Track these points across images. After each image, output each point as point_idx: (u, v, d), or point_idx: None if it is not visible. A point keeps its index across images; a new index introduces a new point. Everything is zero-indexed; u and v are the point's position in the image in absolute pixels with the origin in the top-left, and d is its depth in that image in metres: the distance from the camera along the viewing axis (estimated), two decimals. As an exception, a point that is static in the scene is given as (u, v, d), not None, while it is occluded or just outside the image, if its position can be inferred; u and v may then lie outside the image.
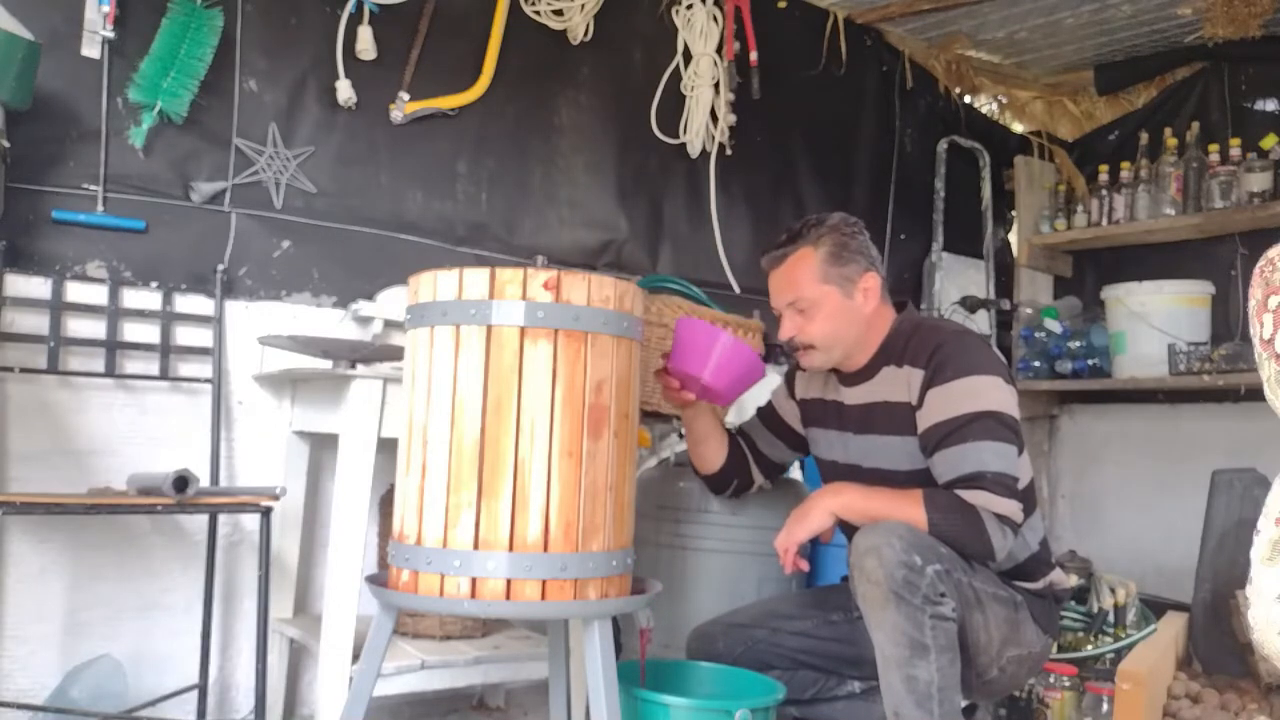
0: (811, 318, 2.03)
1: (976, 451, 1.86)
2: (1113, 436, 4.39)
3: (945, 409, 1.91)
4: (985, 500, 1.85)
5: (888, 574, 1.80)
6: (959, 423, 1.88)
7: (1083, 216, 4.27)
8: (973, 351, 1.95)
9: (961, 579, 1.88)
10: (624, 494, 1.78)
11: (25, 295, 2.37)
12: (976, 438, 1.86)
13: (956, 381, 1.91)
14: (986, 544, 1.87)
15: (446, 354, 1.71)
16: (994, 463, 1.85)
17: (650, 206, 3.45)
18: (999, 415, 1.88)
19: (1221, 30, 3.72)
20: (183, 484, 2.08)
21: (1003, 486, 1.85)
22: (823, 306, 2.02)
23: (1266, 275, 1.66)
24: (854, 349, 2.07)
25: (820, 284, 2.02)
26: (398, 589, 1.73)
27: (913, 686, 1.86)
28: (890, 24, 4.04)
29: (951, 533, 1.87)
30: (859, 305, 2.03)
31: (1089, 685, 2.63)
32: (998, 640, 1.96)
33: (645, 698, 2.01)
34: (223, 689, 2.60)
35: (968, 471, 1.86)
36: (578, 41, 3.28)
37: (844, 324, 2.03)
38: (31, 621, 2.36)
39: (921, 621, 1.82)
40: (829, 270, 2.02)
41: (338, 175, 2.81)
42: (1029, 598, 2.03)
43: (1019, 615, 1.99)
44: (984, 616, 1.93)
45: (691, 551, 2.56)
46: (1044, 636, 2.06)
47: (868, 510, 1.94)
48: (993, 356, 1.99)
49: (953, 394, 1.91)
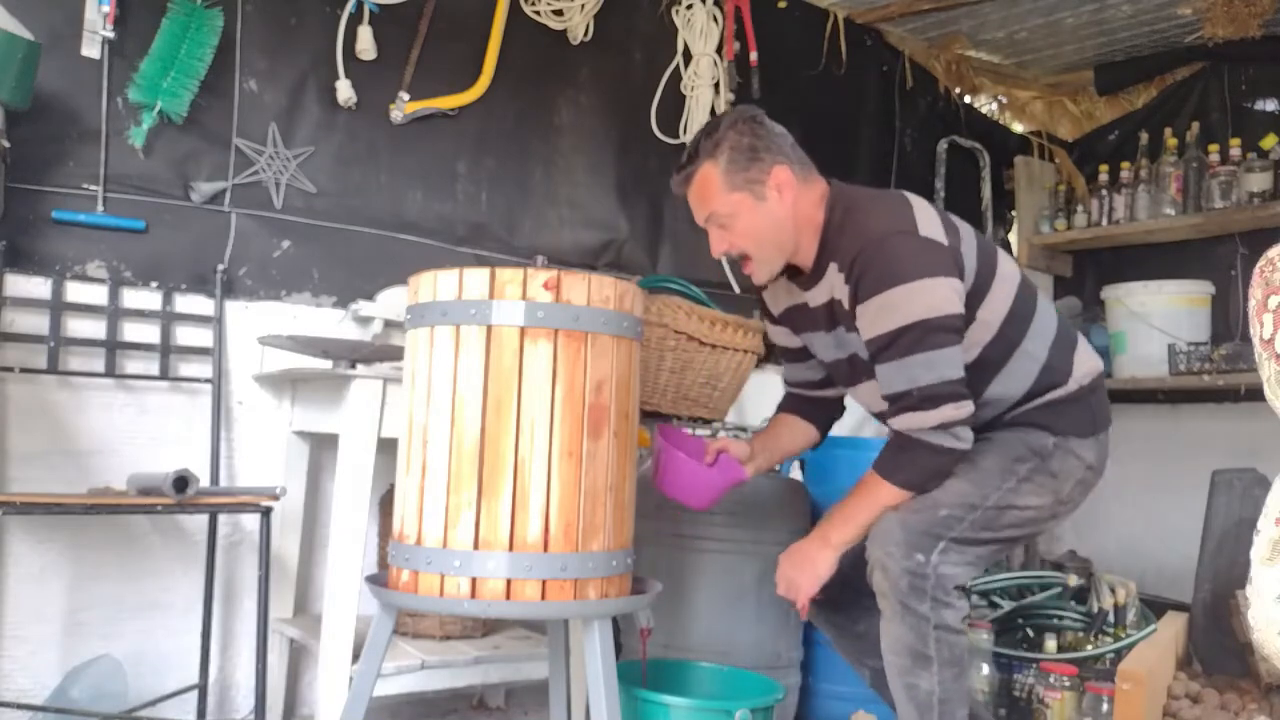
0: (733, 229, 1.96)
1: (903, 369, 1.84)
2: (1113, 437, 4.38)
3: (872, 326, 1.87)
4: (917, 422, 1.85)
5: (893, 585, 1.85)
6: (883, 342, 1.85)
7: (1083, 216, 4.28)
8: (891, 258, 1.85)
9: (979, 517, 1.91)
10: (624, 494, 1.78)
11: (25, 295, 2.37)
12: (901, 354, 1.84)
13: (875, 298, 1.85)
14: (944, 456, 1.87)
15: (446, 354, 1.71)
16: (921, 376, 1.83)
17: (650, 206, 3.45)
18: (922, 323, 1.82)
19: (1221, 30, 3.72)
20: (183, 484, 2.08)
21: (930, 399, 1.83)
22: (739, 216, 1.94)
23: (1266, 275, 1.67)
24: (791, 247, 1.99)
25: (728, 194, 1.93)
26: (398, 589, 1.73)
27: (913, 695, 1.88)
28: (890, 24, 4.04)
29: (917, 475, 1.89)
30: (775, 204, 1.93)
31: (1089, 685, 2.62)
32: (1050, 500, 1.98)
33: (645, 698, 2.01)
34: (223, 689, 2.60)
35: (898, 390, 1.86)
36: (578, 41, 3.28)
37: (766, 227, 1.95)
38: (31, 621, 2.36)
39: (925, 633, 1.84)
40: (733, 179, 1.93)
41: (338, 175, 2.81)
42: (1063, 410, 2.00)
43: (1053, 462, 1.98)
44: (1022, 505, 1.95)
45: (691, 551, 2.56)
46: (1093, 445, 2.03)
47: (854, 527, 1.95)
48: (913, 252, 1.86)
49: (875, 311, 1.86)
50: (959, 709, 1.91)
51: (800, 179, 1.96)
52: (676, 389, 2.79)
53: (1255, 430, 3.09)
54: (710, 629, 2.52)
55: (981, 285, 1.94)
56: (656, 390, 2.75)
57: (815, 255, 1.98)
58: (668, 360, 2.72)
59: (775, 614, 2.59)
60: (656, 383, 2.75)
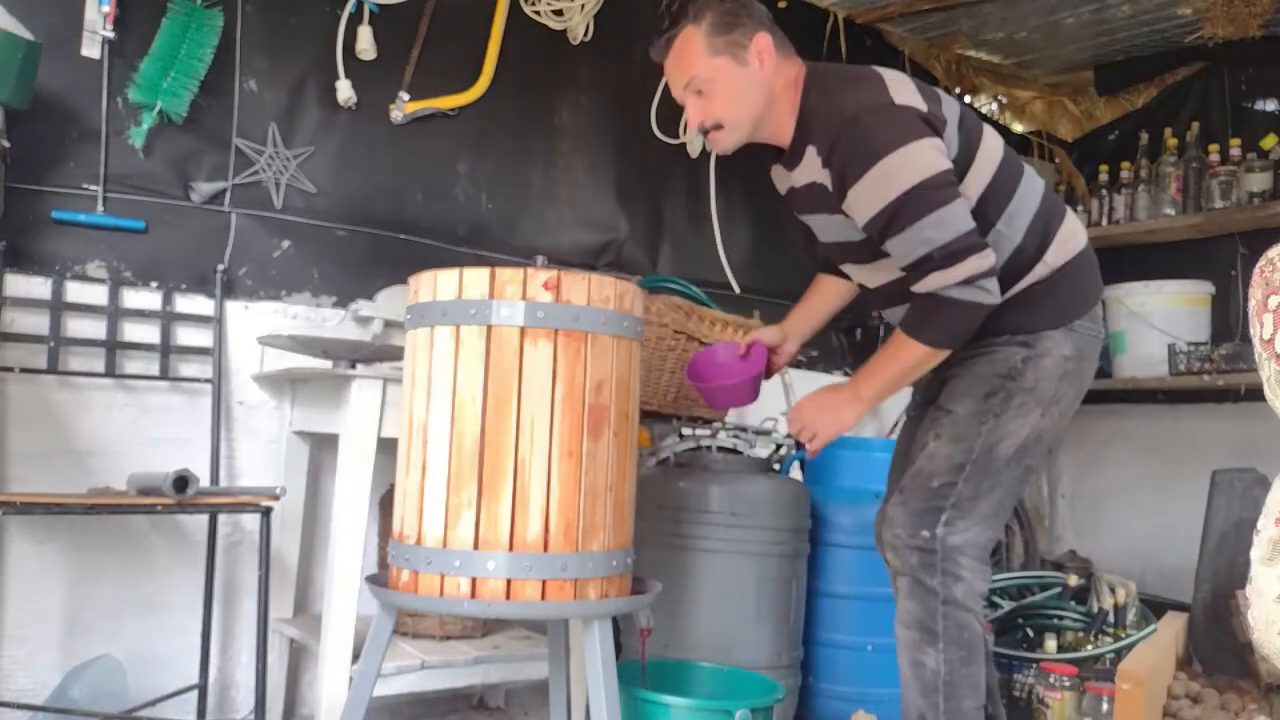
0: (712, 96, 1.93)
1: (916, 234, 1.81)
2: (1113, 436, 4.39)
3: (869, 206, 1.85)
4: (944, 280, 1.82)
5: (904, 563, 1.93)
6: (886, 217, 1.83)
7: (1083, 216, 4.27)
8: (870, 134, 1.82)
9: (971, 472, 1.92)
10: (624, 494, 1.78)
11: (25, 295, 2.37)
12: (910, 221, 1.81)
13: (864, 178, 1.82)
14: (973, 311, 1.84)
15: (446, 354, 1.71)
16: (937, 236, 1.80)
17: (650, 206, 3.45)
18: (919, 186, 1.80)
19: (1221, 30, 3.72)
20: (183, 484, 2.08)
21: (952, 255, 1.80)
22: (719, 80, 1.92)
23: (1266, 275, 1.67)
24: (765, 120, 1.97)
25: (710, 58, 1.91)
26: (398, 589, 1.73)
27: (919, 673, 1.91)
28: (890, 24, 4.04)
29: (944, 334, 1.88)
30: (756, 71, 1.92)
31: (1089, 685, 2.62)
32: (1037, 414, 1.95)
33: (645, 698, 2.01)
34: (223, 689, 2.60)
35: (918, 257, 1.83)
36: (578, 41, 3.28)
37: (746, 94, 1.93)
38: (31, 621, 2.36)
39: (933, 608, 1.89)
40: (715, 41, 1.91)
41: (338, 175, 2.81)
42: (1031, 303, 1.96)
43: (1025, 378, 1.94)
44: (1010, 434, 1.94)
45: (691, 551, 2.56)
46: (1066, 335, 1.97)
47: (884, 382, 1.97)
48: (890, 122, 1.83)
49: (868, 190, 1.83)
50: (967, 699, 1.90)
51: (780, 52, 1.94)
52: (676, 389, 2.79)
53: (1255, 430, 3.09)
54: (710, 629, 2.52)
55: (963, 159, 1.91)
56: (656, 390, 2.75)
57: (793, 136, 1.96)
58: (668, 360, 2.73)
59: (775, 614, 2.59)
60: (657, 383, 2.75)
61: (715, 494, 2.56)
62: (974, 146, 1.94)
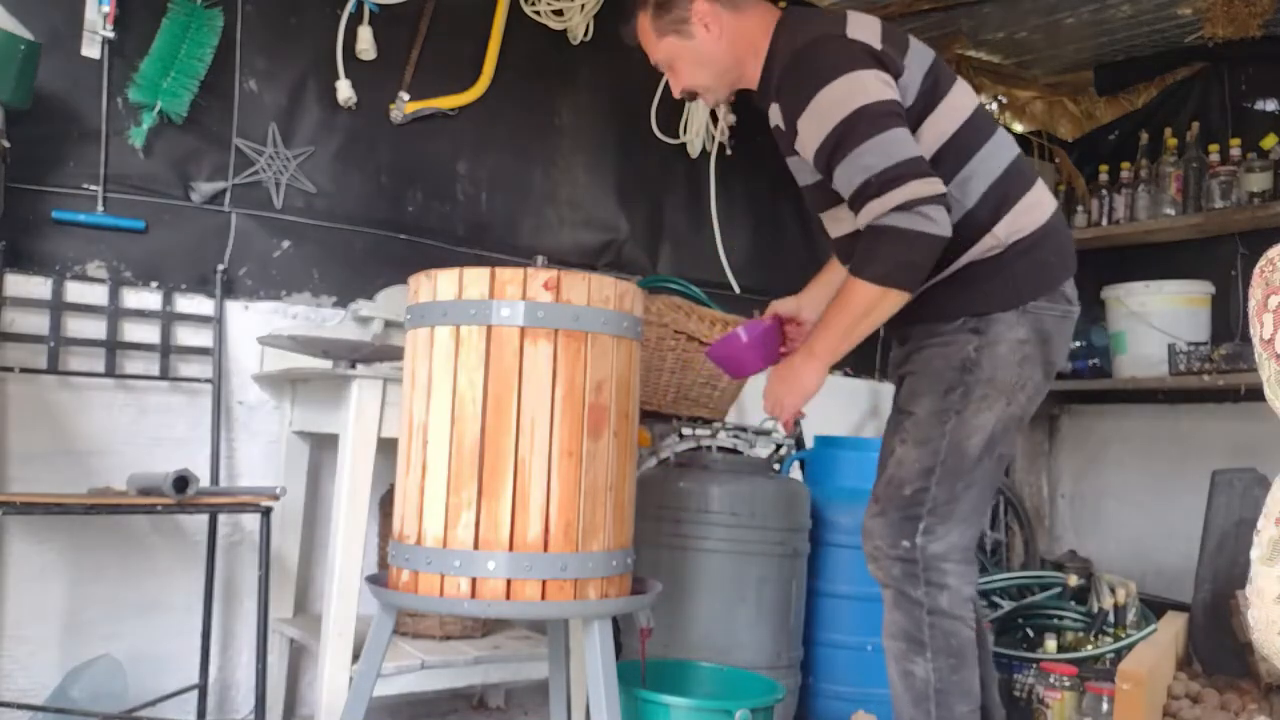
0: (677, 70, 2.03)
1: (856, 162, 1.77)
2: (1113, 436, 4.40)
3: (813, 137, 1.83)
4: (881, 206, 1.75)
5: (887, 574, 1.92)
6: (829, 145, 1.80)
7: (1083, 216, 4.28)
8: (811, 62, 1.84)
9: (943, 473, 1.87)
10: (624, 494, 1.78)
11: (25, 295, 2.37)
12: (850, 147, 1.77)
13: (806, 108, 1.82)
14: (916, 240, 1.73)
15: (446, 354, 1.71)
16: (876, 162, 1.75)
17: (650, 206, 3.45)
18: (859, 111, 1.77)
19: (1221, 30, 3.72)
20: (183, 484, 2.08)
21: (890, 181, 1.73)
22: (676, 57, 2.01)
23: (1266, 275, 1.67)
24: (735, 74, 2.01)
25: (660, 40, 2.01)
26: (398, 589, 1.74)
27: (910, 683, 1.91)
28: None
29: (887, 265, 1.77)
30: (704, 38, 1.97)
31: (1089, 685, 2.62)
32: (1002, 403, 1.88)
33: (645, 698, 2.01)
34: (223, 689, 2.60)
35: (857, 185, 1.78)
36: (578, 41, 3.27)
37: (703, 61, 1.99)
38: (31, 621, 2.36)
39: (919, 618, 1.88)
40: (660, 23, 2.00)
41: (338, 175, 2.81)
42: (982, 282, 1.88)
43: (982, 368, 1.87)
44: (976, 428, 1.87)
45: (691, 551, 2.56)
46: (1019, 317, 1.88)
47: (836, 334, 1.86)
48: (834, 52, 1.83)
49: (810, 121, 1.83)
50: (959, 704, 1.89)
51: (729, 8, 1.96)
52: (676, 389, 2.79)
53: (1255, 430, 3.10)
54: (710, 629, 2.52)
55: (920, 107, 1.87)
56: (656, 390, 2.75)
57: (760, 79, 1.98)
58: (668, 360, 2.73)
59: (775, 614, 2.59)
60: (657, 383, 2.75)
61: (715, 494, 2.56)
62: (937, 98, 1.89)
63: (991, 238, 1.88)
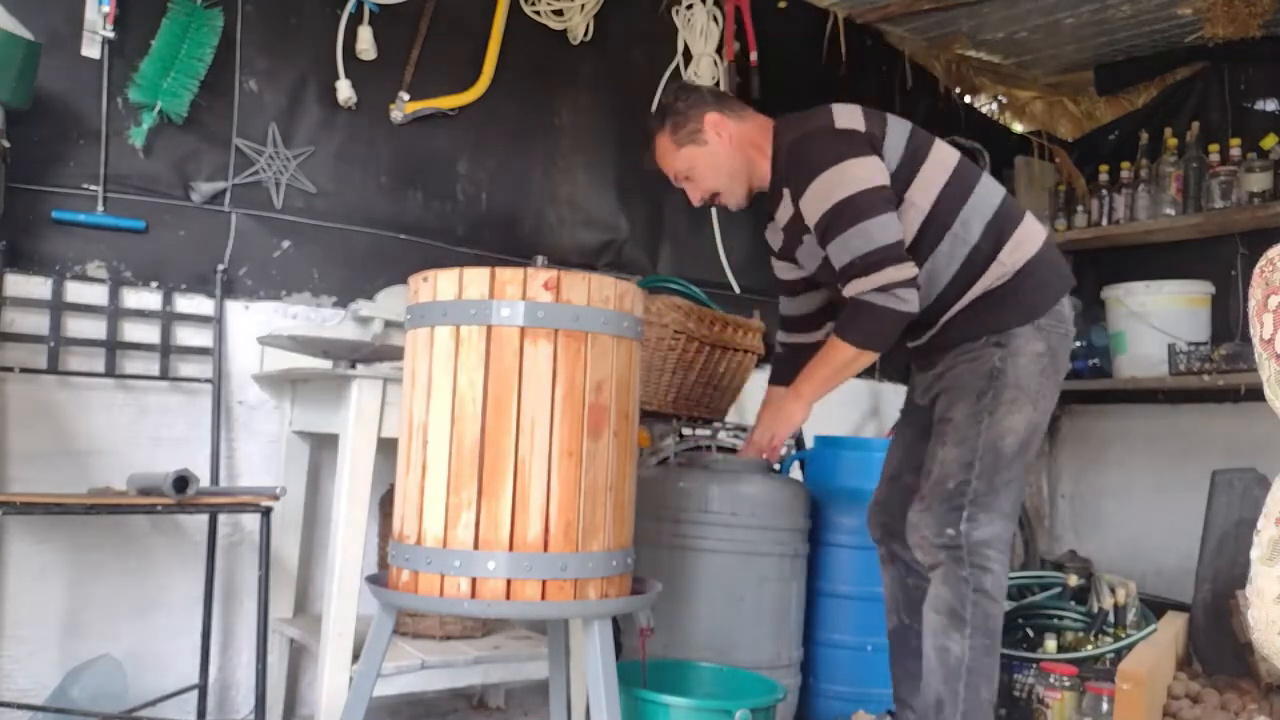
0: (697, 177, 2.29)
1: (844, 244, 2.05)
2: (1113, 436, 4.40)
3: (811, 216, 2.11)
4: (861, 286, 2.04)
5: (934, 559, 2.08)
6: (823, 225, 2.08)
7: (1083, 216, 4.28)
8: (812, 153, 2.11)
9: (983, 468, 2.06)
10: (624, 494, 1.78)
11: (25, 295, 2.37)
12: (839, 231, 2.05)
13: (806, 191, 2.10)
14: (887, 316, 2.04)
15: (446, 354, 1.71)
16: (860, 246, 2.03)
17: (650, 206, 3.45)
18: (849, 199, 2.04)
19: (1221, 30, 3.72)
20: (183, 484, 2.08)
21: (871, 265, 2.02)
22: (695, 164, 2.27)
23: (1266, 275, 1.67)
24: (747, 172, 2.28)
25: (679, 151, 2.28)
26: (398, 589, 1.73)
27: (944, 658, 2.04)
28: (890, 24, 4.04)
29: (865, 334, 2.08)
30: (717, 143, 2.25)
31: (1089, 685, 2.62)
32: (1028, 408, 2.10)
33: (645, 698, 2.01)
34: (223, 689, 2.60)
35: (844, 263, 2.07)
36: (578, 41, 3.28)
37: (720, 163, 2.26)
38: (31, 621, 2.36)
39: (964, 594, 2.04)
40: (678, 137, 2.27)
41: (338, 175, 2.81)
42: (998, 304, 2.11)
43: (1008, 375, 2.09)
44: (1009, 429, 2.07)
45: (691, 551, 2.55)
46: (1034, 332, 2.10)
47: (820, 383, 2.20)
48: (830, 142, 2.10)
49: (810, 201, 2.10)
50: (984, 689, 2.04)
51: (733, 117, 2.27)
52: (677, 389, 2.79)
53: (1255, 430, 3.10)
54: (710, 629, 2.52)
55: (909, 168, 2.13)
56: (656, 390, 2.75)
57: (771, 179, 2.25)
58: (668, 360, 2.73)
59: (775, 614, 2.59)
60: (657, 383, 2.75)
61: (715, 494, 2.56)
62: (921, 158, 2.15)
63: (999, 265, 2.12)
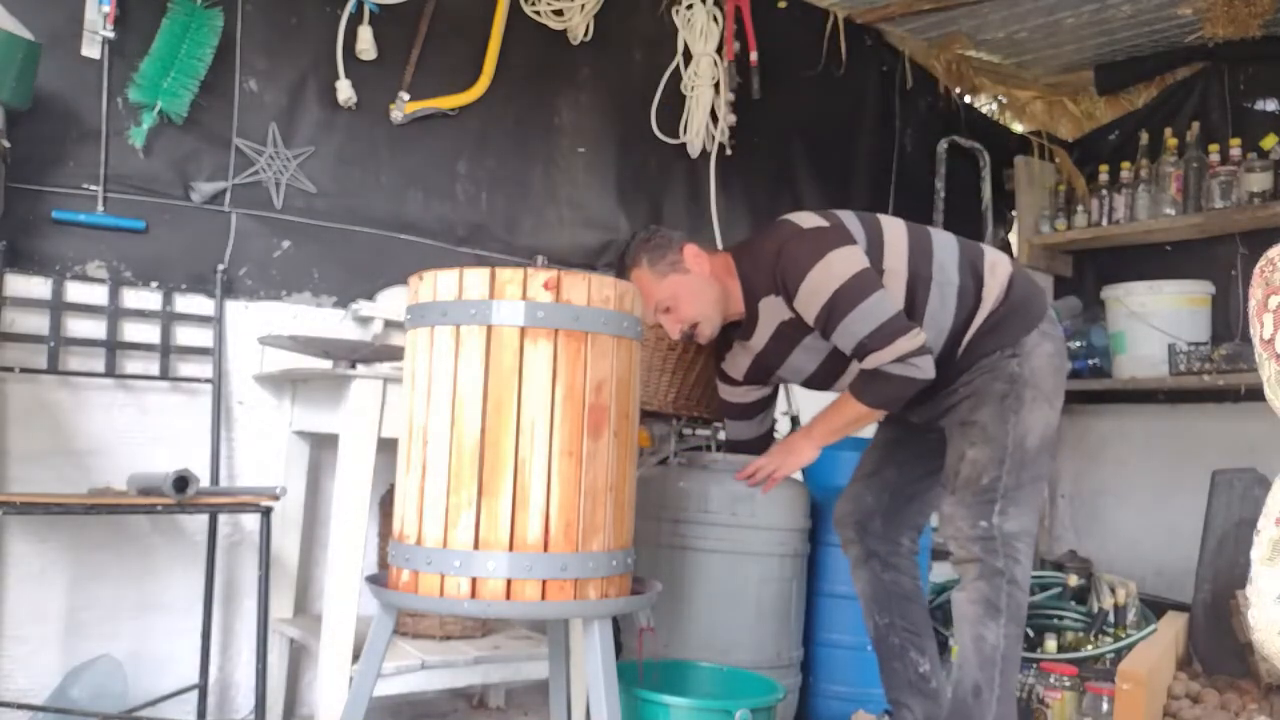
0: (677, 307, 2.34)
1: (848, 330, 2.16)
2: (1113, 436, 4.40)
3: (809, 310, 2.21)
4: (879, 360, 2.15)
5: (969, 552, 2.18)
6: (822, 319, 2.19)
7: (1083, 216, 4.28)
8: (794, 258, 2.21)
9: (1012, 463, 2.17)
10: (624, 494, 1.78)
11: (25, 295, 2.37)
12: (839, 320, 2.17)
13: (799, 292, 2.21)
14: (907, 383, 2.16)
15: (446, 354, 1.71)
16: (862, 329, 2.14)
17: (650, 206, 3.45)
18: (840, 290, 2.16)
19: (1221, 30, 3.72)
20: (183, 484, 2.08)
21: (881, 338, 2.13)
22: (677, 292, 2.34)
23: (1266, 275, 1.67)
24: (725, 303, 2.36)
25: (661, 281, 2.34)
26: (398, 589, 1.73)
27: (980, 646, 2.12)
28: (890, 24, 4.04)
29: (882, 398, 2.21)
30: (697, 272, 2.34)
31: (1089, 685, 2.63)
32: (1046, 406, 2.23)
33: (645, 698, 2.02)
34: (223, 689, 2.60)
35: (854, 347, 2.18)
36: (578, 41, 3.27)
37: (700, 292, 2.34)
38: (31, 621, 2.36)
39: (999, 585, 2.13)
40: (659, 268, 2.34)
41: (338, 175, 2.81)
42: (1000, 324, 2.24)
43: (1025, 377, 2.21)
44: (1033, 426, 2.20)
45: (691, 551, 2.56)
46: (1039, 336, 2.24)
47: (831, 431, 2.35)
48: (806, 243, 2.22)
49: (805, 301, 2.21)
50: (1012, 675, 2.16)
51: (705, 250, 2.37)
52: (677, 389, 2.79)
53: (1255, 430, 3.10)
54: (710, 629, 2.52)
55: (875, 244, 2.26)
56: (657, 390, 2.75)
57: (744, 302, 2.34)
58: (668, 360, 2.73)
59: (775, 614, 2.59)
60: (657, 383, 2.75)
61: (715, 494, 2.56)
62: (878, 231, 2.30)
63: (989, 291, 2.27)
